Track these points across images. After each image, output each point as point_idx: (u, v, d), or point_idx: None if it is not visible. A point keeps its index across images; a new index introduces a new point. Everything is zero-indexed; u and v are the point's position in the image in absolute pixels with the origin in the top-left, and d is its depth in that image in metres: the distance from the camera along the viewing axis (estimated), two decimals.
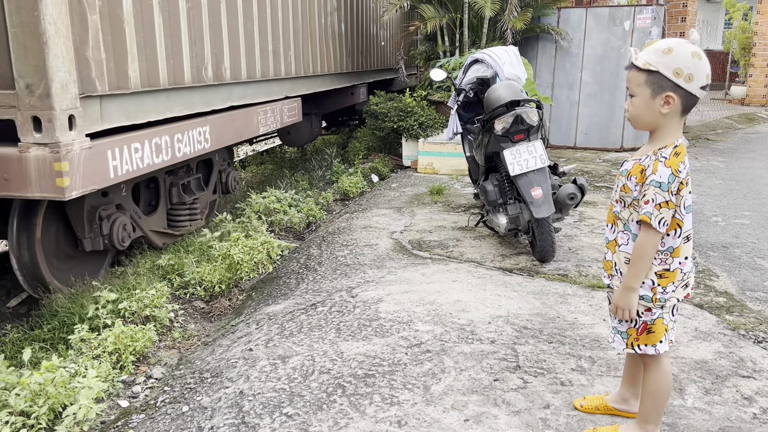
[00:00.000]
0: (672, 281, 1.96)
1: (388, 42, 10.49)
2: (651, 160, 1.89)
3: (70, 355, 2.98)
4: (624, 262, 2.01)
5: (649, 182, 1.87)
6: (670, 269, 1.95)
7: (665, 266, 1.96)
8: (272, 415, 2.36)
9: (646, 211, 1.87)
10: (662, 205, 1.86)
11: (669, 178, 1.85)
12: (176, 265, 4.14)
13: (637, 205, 1.93)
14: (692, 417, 2.32)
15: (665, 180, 1.85)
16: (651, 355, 2.03)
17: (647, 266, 1.93)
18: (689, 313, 3.28)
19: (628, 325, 2.05)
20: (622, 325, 2.07)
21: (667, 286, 1.96)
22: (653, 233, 1.89)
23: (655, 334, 2.01)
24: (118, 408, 2.68)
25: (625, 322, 2.05)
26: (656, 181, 1.86)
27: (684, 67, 1.82)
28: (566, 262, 4.11)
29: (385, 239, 4.69)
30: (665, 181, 1.85)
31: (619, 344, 2.10)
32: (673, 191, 1.85)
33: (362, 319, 3.19)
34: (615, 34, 8.38)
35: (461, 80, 4.94)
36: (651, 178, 1.87)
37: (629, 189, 1.96)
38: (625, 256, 2.00)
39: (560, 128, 8.91)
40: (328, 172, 7.63)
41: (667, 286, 1.96)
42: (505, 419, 2.29)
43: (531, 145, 4.00)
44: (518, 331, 3.03)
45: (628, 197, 1.97)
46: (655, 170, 1.86)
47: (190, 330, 3.50)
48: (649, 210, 1.87)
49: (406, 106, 7.66)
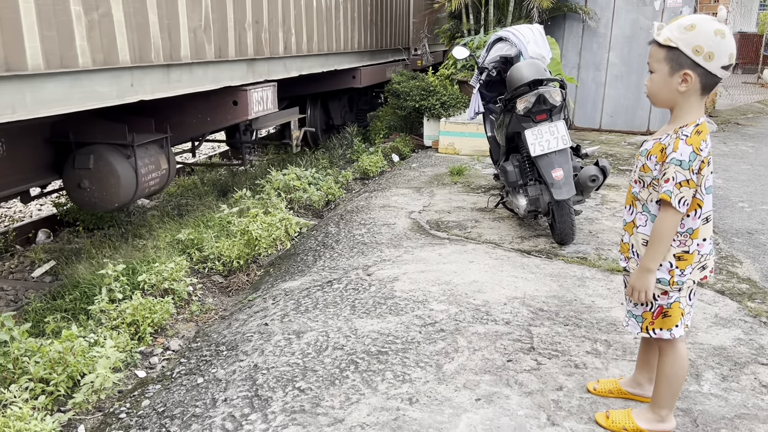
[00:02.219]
0: (690, 263, 1.92)
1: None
2: (671, 139, 1.85)
3: (90, 325, 3.03)
4: (642, 243, 1.97)
5: (670, 160, 1.82)
6: (689, 251, 1.91)
7: (684, 248, 1.92)
8: (285, 389, 2.38)
9: (667, 190, 1.83)
10: (683, 183, 1.81)
11: (690, 156, 1.80)
12: (195, 240, 4.18)
13: (657, 185, 1.89)
14: (708, 403, 2.29)
15: (686, 158, 1.80)
16: (666, 339, 2.00)
17: (666, 247, 1.90)
18: (710, 299, 3.23)
19: (643, 309, 2.02)
20: (638, 308, 2.04)
21: (686, 269, 1.92)
22: (673, 213, 1.85)
23: (671, 318, 1.98)
24: (136, 378, 2.73)
25: (641, 306, 2.02)
26: (677, 159, 1.81)
27: (704, 45, 1.76)
28: (586, 245, 4.06)
29: (403, 219, 4.68)
30: (686, 159, 1.80)
31: (633, 328, 2.07)
32: (694, 170, 1.81)
33: (377, 297, 3.19)
34: (644, 13, 8.18)
35: (484, 59, 4.86)
36: (672, 156, 1.82)
37: (649, 168, 1.91)
38: (643, 237, 1.96)
39: (585, 110, 8.76)
40: (349, 150, 7.61)
41: (685, 268, 1.92)
42: (517, 400, 2.29)
43: (553, 126, 3.93)
44: (534, 313, 3.01)
45: (647, 177, 1.93)
46: (675, 148, 1.82)
47: (207, 304, 3.54)
48: (669, 188, 1.82)
49: (428, 85, 7.59)
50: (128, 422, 2.32)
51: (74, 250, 4.77)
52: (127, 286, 3.33)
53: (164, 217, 5.12)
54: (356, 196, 5.73)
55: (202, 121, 4.89)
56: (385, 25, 8.87)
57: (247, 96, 4.78)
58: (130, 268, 3.54)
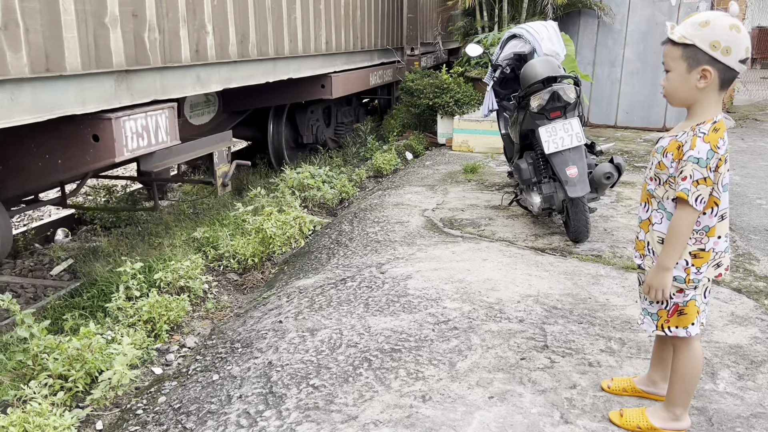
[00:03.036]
0: (706, 261, 1.91)
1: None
2: (688, 136, 1.84)
3: (107, 322, 3.08)
4: (657, 241, 1.96)
5: (687, 158, 1.81)
6: (705, 249, 1.90)
7: (700, 246, 1.91)
8: (299, 386, 2.40)
9: (684, 188, 1.82)
10: (700, 181, 1.80)
11: (707, 154, 1.79)
12: (211, 238, 4.22)
13: (673, 182, 1.88)
14: (723, 402, 2.27)
15: (704, 156, 1.79)
16: (681, 337, 1.99)
17: (683, 245, 1.89)
18: (726, 297, 3.20)
19: (658, 307, 2.01)
20: (653, 306, 2.03)
21: (702, 267, 1.91)
22: (690, 211, 1.84)
23: (687, 316, 1.97)
24: (152, 375, 2.77)
25: (656, 304, 2.01)
26: (694, 156, 1.80)
27: (721, 40, 1.75)
28: (601, 242, 4.04)
29: (416, 217, 4.68)
30: (704, 156, 1.79)
31: (648, 326, 2.06)
32: (711, 167, 1.80)
33: (391, 295, 3.20)
34: (660, 9, 8.11)
35: (498, 56, 4.85)
36: (689, 154, 1.81)
37: (665, 166, 1.90)
38: (659, 235, 1.95)
39: (601, 107, 8.70)
40: (363, 148, 7.62)
41: (701, 266, 1.91)
42: (530, 398, 2.29)
43: (567, 123, 3.92)
44: (548, 311, 3.00)
45: (663, 174, 1.92)
46: (693, 146, 1.81)
47: (223, 301, 3.57)
48: (686, 186, 1.81)
49: (442, 82, 7.58)
50: (145, 418, 2.35)
51: (92, 248, 4.83)
52: (143, 284, 3.37)
53: (180, 216, 5.17)
54: (370, 194, 5.74)
55: (50, 165, 3.33)
56: (368, 21, 7.47)
57: (112, 127, 3.24)
58: (147, 266, 3.59)
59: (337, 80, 6.41)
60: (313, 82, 6.14)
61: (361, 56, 7.42)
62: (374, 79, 7.85)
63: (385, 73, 8.33)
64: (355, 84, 7.09)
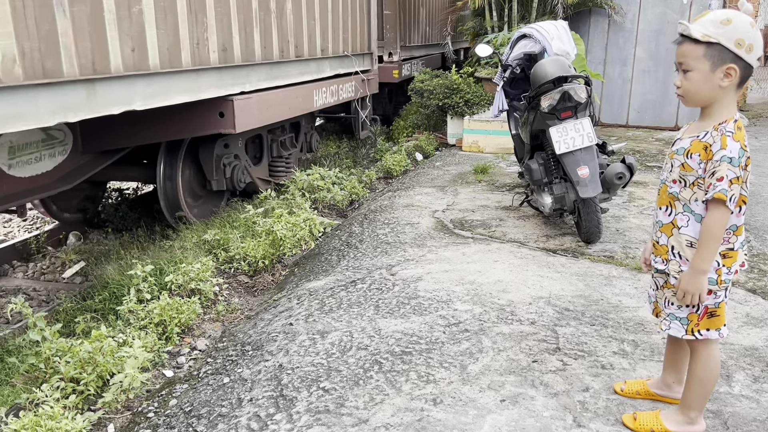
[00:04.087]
0: (735, 260, 1.88)
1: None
2: (716, 136, 1.80)
3: (119, 325, 3.09)
4: (686, 245, 1.91)
5: (720, 158, 1.78)
6: (734, 248, 1.88)
7: (729, 245, 1.88)
8: (309, 389, 2.39)
9: (722, 189, 1.77)
10: (734, 181, 1.77)
11: (739, 153, 1.77)
12: (221, 240, 4.22)
13: (702, 183, 1.85)
14: (738, 405, 2.24)
15: (736, 155, 1.77)
16: (702, 340, 1.96)
17: (717, 247, 1.85)
18: (741, 298, 3.16)
19: (689, 311, 1.96)
20: (682, 310, 1.97)
21: (731, 266, 1.88)
22: (724, 211, 1.80)
23: (719, 317, 1.93)
24: (163, 377, 2.77)
25: (686, 308, 1.96)
26: (727, 156, 1.77)
27: (745, 38, 1.74)
28: (613, 243, 4.01)
29: (426, 218, 4.67)
30: (736, 156, 1.77)
31: (676, 331, 1.99)
32: (742, 166, 1.78)
33: (401, 297, 3.19)
34: (672, 7, 8.04)
35: (508, 56, 4.83)
36: (721, 154, 1.78)
37: (691, 168, 1.86)
38: (687, 239, 1.91)
39: (612, 106, 8.65)
40: (372, 150, 7.62)
41: (731, 266, 1.88)
42: (542, 401, 2.27)
43: (578, 123, 3.89)
44: (560, 313, 2.98)
45: (690, 176, 1.88)
46: (724, 145, 1.78)
47: (233, 303, 3.58)
48: (724, 187, 1.77)
49: (452, 83, 7.57)
50: (156, 421, 2.36)
51: (103, 251, 4.86)
52: (154, 287, 3.38)
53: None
54: (380, 195, 5.73)
55: None
56: (310, 17, 5.55)
57: None
58: (158, 268, 3.60)
59: (246, 105, 4.46)
60: (204, 109, 4.24)
61: (297, 67, 5.41)
62: (323, 98, 5.89)
63: (344, 88, 6.38)
64: (281, 108, 5.11)
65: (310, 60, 5.67)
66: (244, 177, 5.28)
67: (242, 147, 5.32)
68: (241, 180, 5.21)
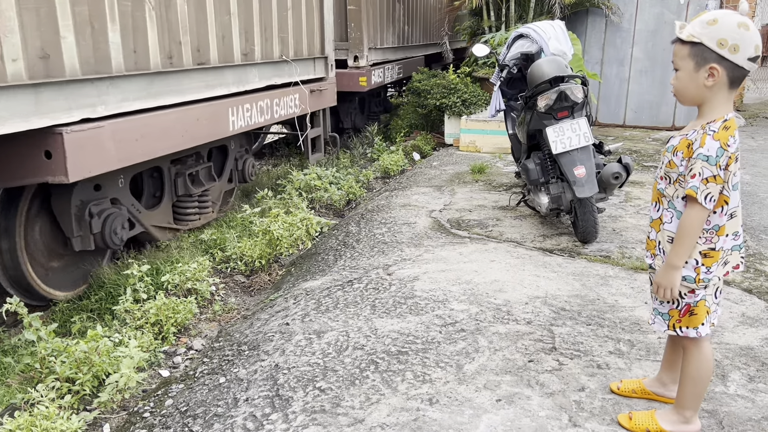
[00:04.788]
0: (716, 260, 1.89)
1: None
2: (699, 134, 1.82)
3: (115, 325, 3.08)
4: (668, 240, 1.94)
5: (696, 156, 1.80)
6: (715, 248, 1.89)
7: (710, 245, 1.89)
8: (305, 389, 2.39)
9: (693, 186, 1.80)
10: (709, 179, 1.78)
11: (717, 152, 1.78)
12: (218, 240, 4.22)
13: (683, 180, 1.86)
14: (734, 404, 2.24)
15: (713, 154, 1.78)
16: (692, 338, 1.97)
17: (692, 244, 1.87)
18: (736, 297, 3.16)
19: (670, 307, 1.99)
20: (664, 306, 2.01)
21: (712, 266, 1.89)
22: (699, 209, 1.82)
23: (697, 316, 1.95)
24: (159, 377, 2.77)
25: (667, 303, 1.99)
26: (704, 154, 1.78)
27: (729, 38, 1.74)
28: (609, 243, 4.01)
29: (423, 218, 4.67)
30: (713, 154, 1.78)
31: (659, 326, 2.04)
32: (721, 165, 1.78)
33: (397, 297, 3.19)
34: (669, 7, 8.06)
35: (505, 56, 4.83)
36: (698, 152, 1.80)
37: (675, 164, 1.89)
38: (669, 234, 1.93)
39: (609, 106, 8.66)
40: (370, 149, 7.62)
41: (711, 265, 1.89)
42: (538, 401, 2.27)
43: (575, 123, 3.89)
44: (556, 313, 2.98)
45: (673, 173, 1.90)
46: (702, 144, 1.79)
47: (230, 303, 3.57)
48: (695, 184, 1.80)
49: (449, 83, 7.57)
50: (152, 421, 2.35)
51: None
52: (151, 287, 3.37)
53: None
54: (377, 195, 5.73)
55: None
56: (221, 8, 4.18)
57: None
58: (154, 268, 3.59)
59: (88, 139, 3.09)
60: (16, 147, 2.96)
61: (202, 78, 4.05)
62: (247, 117, 4.54)
63: (282, 103, 5.06)
64: (170, 136, 3.71)
65: (224, 68, 4.29)
66: (125, 230, 3.73)
67: (125, 187, 3.84)
68: (117, 235, 3.65)
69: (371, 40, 6.93)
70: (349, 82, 6.63)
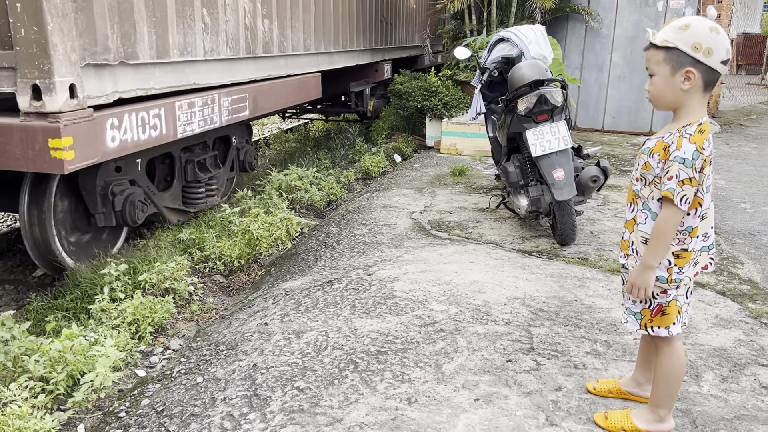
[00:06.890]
0: (688, 261, 1.93)
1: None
2: (675, 137, 1.86)
3: (91, 324, 3.04)
4: (641, 241, 1.97)
5: (673, 158, 1.83)
6: (688, 249, 1.92)
7: (683, 246, 1.92)
8: (284, 389, 2.38)
9: (670, 188, 1.83)
10: (685, 182, 1.82)
11: (693, 155, 1.81)
12: (197, 240, 4.19)
13: (659, 182, 1.89)
14: (707, 404, 2.28)
15: (689, 156, 1.81)
16: (663, 337, 2.00)
17: (667, 245, 1.90)
18: (710, 299, 3.22)
19: (642, 306, 2.02)
20: (636, 305, 2.04)
21: (684, 267, 1.93)
22: (675, 210, 1.85)
23: (669, 316, 1.98)
24: (136, 377, 2.74)
25: (640, 303, 2.02)
26: (680, 157, 1.82)
27: (702, 42, 1.79)
28: (587, 245, 4.05)
29: (404, 219, 4.68)
30: (689, 157, 1.81)
31: (632, 325, 2.07)
32: (697, 168, 1.82)
33: (377, 297, 3.19)
34: (647, 14, 8.18)
35: (486, 59, 4.86)
36: (675, 155, 1.83)
37: (651, 166, 1.92)
38: (643, 235, 1.96)
39: (588, 111, 8.76)
40: (351, 151, 7.61)
41: (683, 266, 1.93)
42: (516, 400, 2.29)
43: (554, 126, 3.93)
44: (534, 314, 3.01)
45: (649, 175, 1.93)
46: (679, 146, 1.83)
47: (208, 303, 3.54)
48: (672, 186, 1.83)
49: (430, 85, 7.60)
50: (127, 421, 2.33)
51: None
52: (128, 286, 3.34)
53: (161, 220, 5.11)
54: (358, 196, 5.73)
55: None
56: None
57: None
58: (132, 267, 3.55)
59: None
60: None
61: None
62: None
63: None
64: None
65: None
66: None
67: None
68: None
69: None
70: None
